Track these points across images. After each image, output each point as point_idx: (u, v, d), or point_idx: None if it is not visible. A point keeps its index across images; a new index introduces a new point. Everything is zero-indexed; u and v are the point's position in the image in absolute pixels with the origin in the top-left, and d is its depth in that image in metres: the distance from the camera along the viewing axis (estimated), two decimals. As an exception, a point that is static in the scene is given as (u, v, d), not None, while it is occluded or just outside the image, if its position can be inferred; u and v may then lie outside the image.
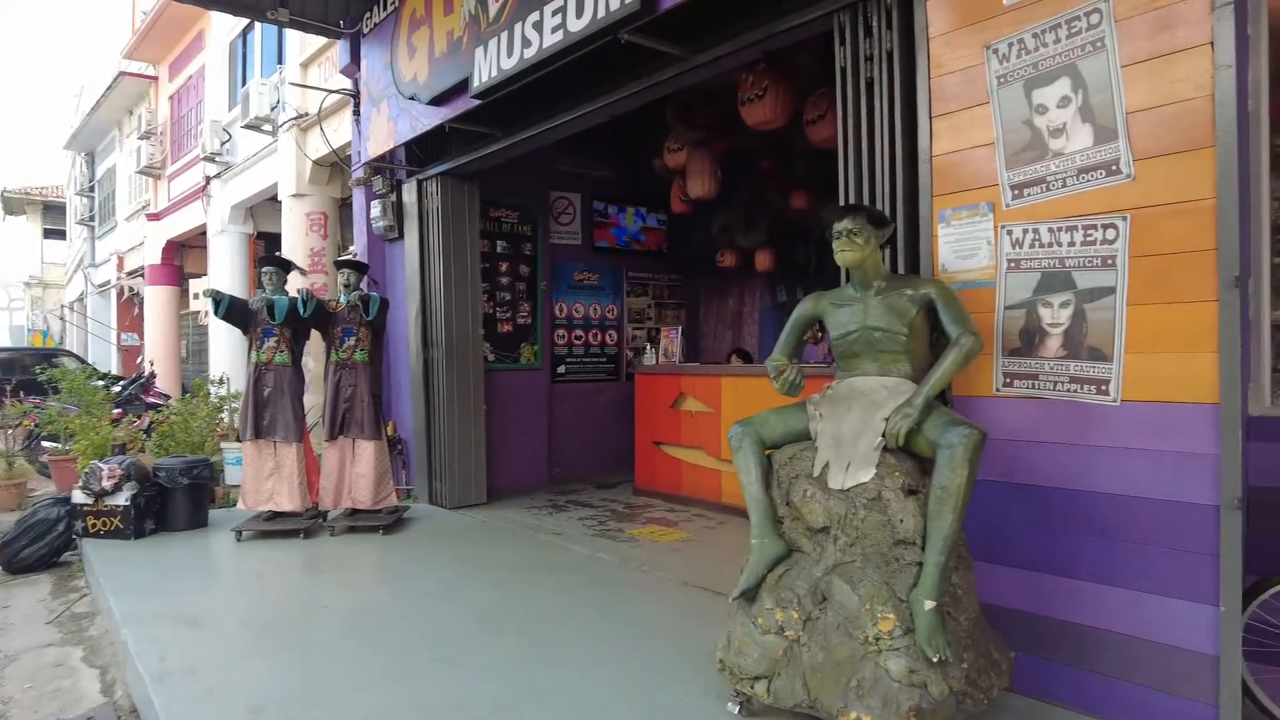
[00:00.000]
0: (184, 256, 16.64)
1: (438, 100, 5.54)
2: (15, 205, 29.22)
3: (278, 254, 7.52)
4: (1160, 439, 2.55)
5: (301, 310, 5.69)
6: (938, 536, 2.44)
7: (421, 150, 6.77)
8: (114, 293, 19.29)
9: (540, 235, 7.61)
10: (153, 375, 11.13)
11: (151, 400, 10.21)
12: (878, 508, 2.59)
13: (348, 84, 7.45)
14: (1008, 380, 2.91)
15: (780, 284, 8.04)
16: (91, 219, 21.33)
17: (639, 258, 8.57)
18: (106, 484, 5.64)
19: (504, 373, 7.37)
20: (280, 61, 10.92)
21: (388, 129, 6.42)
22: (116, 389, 11.18)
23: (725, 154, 6.56)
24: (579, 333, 8.10)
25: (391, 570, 4.89)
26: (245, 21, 11.98)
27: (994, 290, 2.93)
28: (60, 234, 28.87)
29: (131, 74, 16.06)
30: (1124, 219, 2.60)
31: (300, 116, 9.68)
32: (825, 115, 5.47)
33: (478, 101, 5.13)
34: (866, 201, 3.41)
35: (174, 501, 5.96)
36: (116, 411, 10.41)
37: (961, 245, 3.03)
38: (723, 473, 6.13)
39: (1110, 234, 2.63)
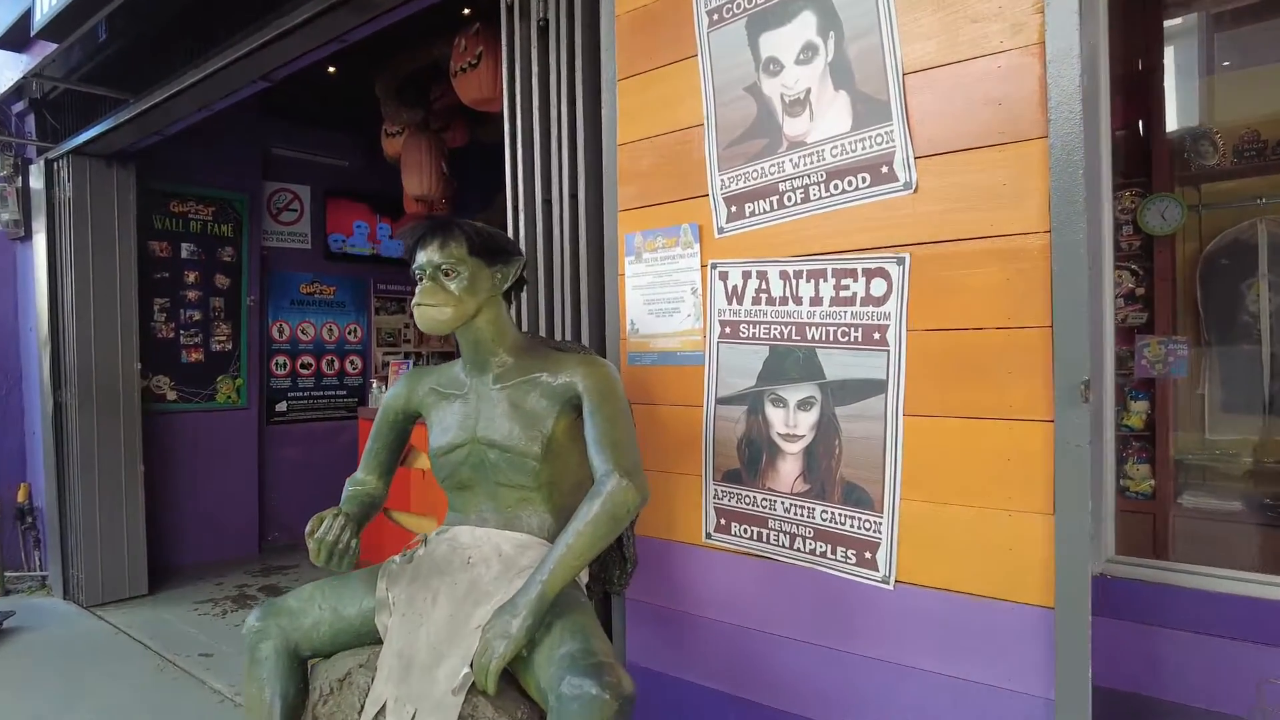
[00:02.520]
0: None
1: (10, 41, 3.85)
2: None
3: None
4: (957, 658, 1.44)
5: None
6: None
7: (57, 119, 4.99)
8: None
9: (247, 237, 5.95)
10: None
11: None
12: (448, 818, 1.32)
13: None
14: (722, 523, 1.73)
15: (560, 303, 6.77)
16: None
17: (392, 267, 7.05)
18: None
19: (191, 415, 5.66)
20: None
21: (-23, 85, 4.61)
22: None
23: (469, 144, 5.22)
24: (307, 360, 6.48)
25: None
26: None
27: (702, 370, 1.75)
28: None
29: None
30: (899, 262, 1.48)
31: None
32: (480, 63, 4.01)
33: (54, 45, 3.50)
34: (540, 219, 2.16)
35: None
36: None
37: (657, 292, 1.83)
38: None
39: (878, 287, 1.50)
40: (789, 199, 1.60)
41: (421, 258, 1.56)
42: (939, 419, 1.44)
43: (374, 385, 5.43)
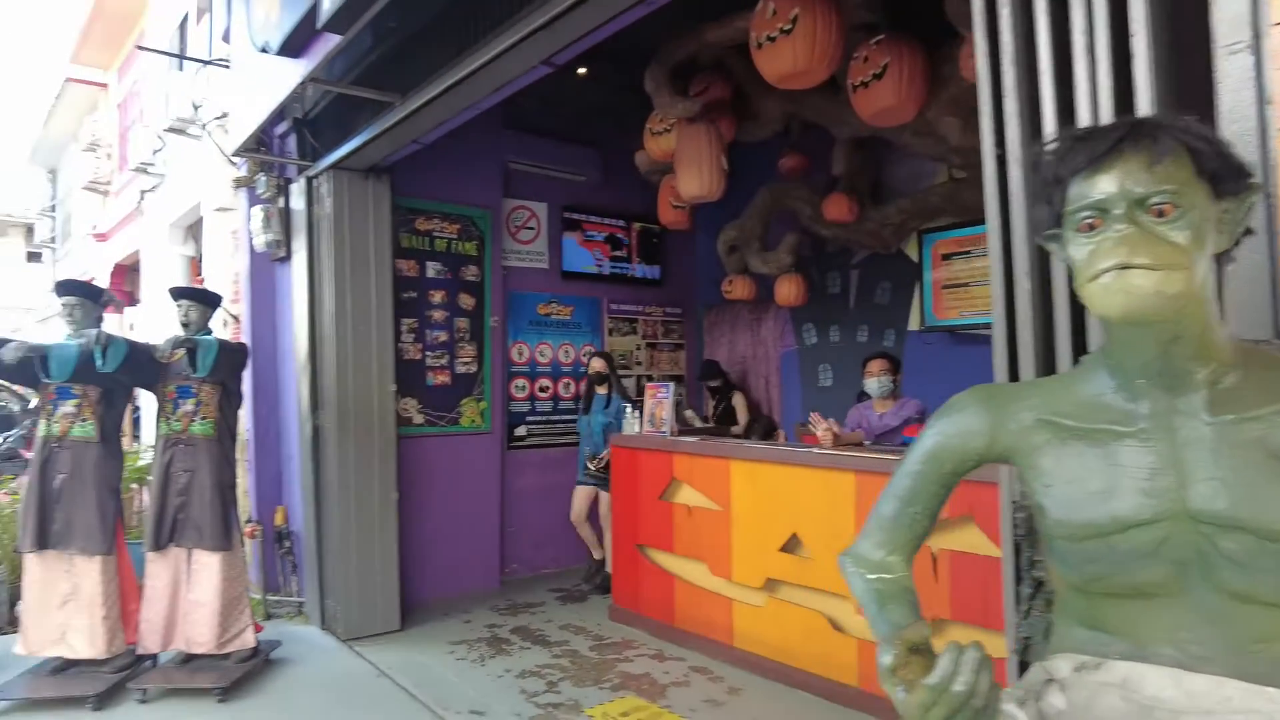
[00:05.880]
0: (135, 281, 14.94)
1: (291, 46, 3.66)
2: (-1, 229, 28.08)
3: (84, 279, 5.36)
4: None
5: (99, 361, 3.79)
6: None
7: (315, 137, 4.92)
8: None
9: (490, 255, 5.70)
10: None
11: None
12: None
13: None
14: None
15: (809, 321, 6.07)
16: (53, 240, 19.78)
17: (625, 285, 6.64)
18: None
19: (437, 439, 5.43)
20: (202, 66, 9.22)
21: (254, 102, 4.57)
22: (-2, 441, 9.35)
23: (735, 140, 4.65)
24: (545, 383, 6.15)
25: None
26: (184, 12, 10.36)
27: None
28: (40, 256, 27.56)
29: (78, 80, 14.43)
30: None
31: (222, 116, 7.90)
32: (884, 74, 3.59)
33: (336, 38, 3.24)
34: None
35: (-77, 642, 4.04)
36: (-9, 470, 8.57)
37: None
38: (735, 603, 4.13)
39: None
40: None
41: (1109, 184, 0.88)
42: None
43: (627, 411, 4.93)
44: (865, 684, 3.47)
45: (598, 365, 5.52)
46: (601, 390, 5.52)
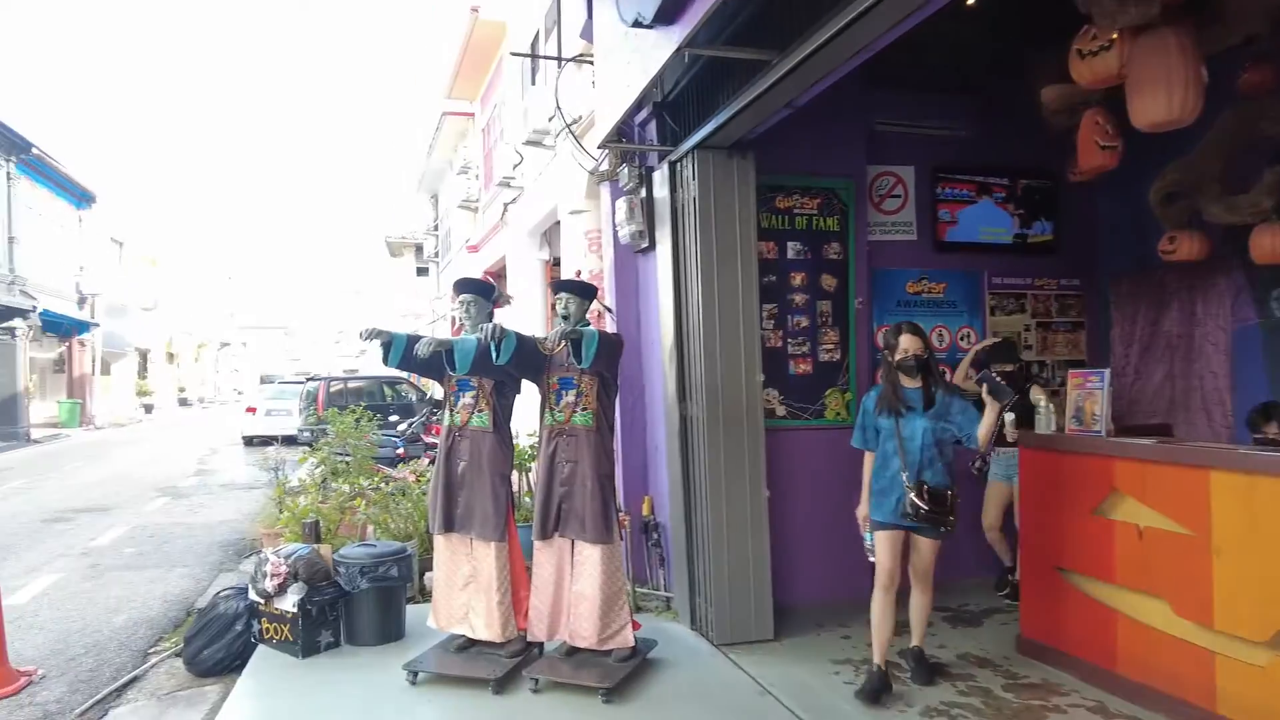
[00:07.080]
0: (502, 286, 16.77)
1: (666, 12, 3.40)
2: (395, 249, 33.86)
3: (477, 278, 5.57)
4: None
5: (495, 354, 3.89)
6: None
7: (676, 120, 4.73)
8: (449, 323, 20.42)
9: (852, 231, 5.14)
10: (434, 408, 10.36)
11: (430, 440, 9.40)
12: None
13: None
14: None
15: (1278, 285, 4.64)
16: (436, 256, 23.09)
17: (1009, 256, 5.68)
18: (270, 584, 4.34)
19: (800, 433, 5.01)
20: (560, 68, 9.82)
21: (620, 88, 4.47)
22: (403, 426, 10.78)
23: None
24: (915, 371, 5.44)
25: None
26: (533, 34, 11.22)
27: None
28: (426, 271, 32.68)
29: (452, 113, 16.49)
30: None
31: (574, 121, 8.30)
32: None
33: (709, 2, 2.90)
34: None
35: (357, 607, 4.52)
36: (400, 451, 9.89)
37: None
38: (1219, 657, 3.14)
39: None
40: None
41: None
42: None
43: (1041, 404, 4.05)
44: None
45: (912, 344, 3.66)
46: (912, 383, 3.73)
